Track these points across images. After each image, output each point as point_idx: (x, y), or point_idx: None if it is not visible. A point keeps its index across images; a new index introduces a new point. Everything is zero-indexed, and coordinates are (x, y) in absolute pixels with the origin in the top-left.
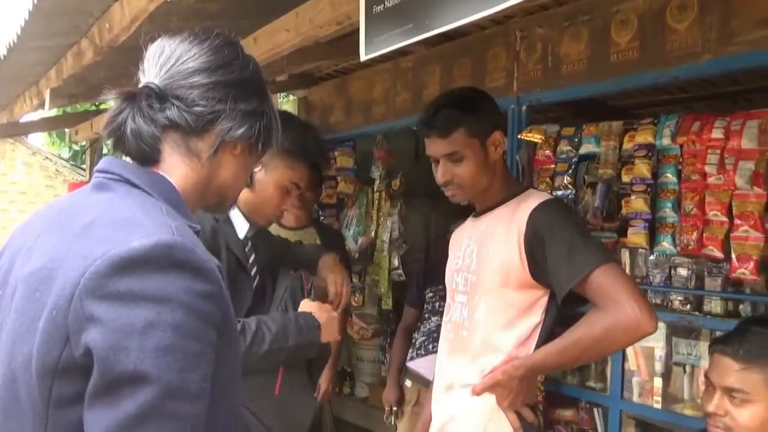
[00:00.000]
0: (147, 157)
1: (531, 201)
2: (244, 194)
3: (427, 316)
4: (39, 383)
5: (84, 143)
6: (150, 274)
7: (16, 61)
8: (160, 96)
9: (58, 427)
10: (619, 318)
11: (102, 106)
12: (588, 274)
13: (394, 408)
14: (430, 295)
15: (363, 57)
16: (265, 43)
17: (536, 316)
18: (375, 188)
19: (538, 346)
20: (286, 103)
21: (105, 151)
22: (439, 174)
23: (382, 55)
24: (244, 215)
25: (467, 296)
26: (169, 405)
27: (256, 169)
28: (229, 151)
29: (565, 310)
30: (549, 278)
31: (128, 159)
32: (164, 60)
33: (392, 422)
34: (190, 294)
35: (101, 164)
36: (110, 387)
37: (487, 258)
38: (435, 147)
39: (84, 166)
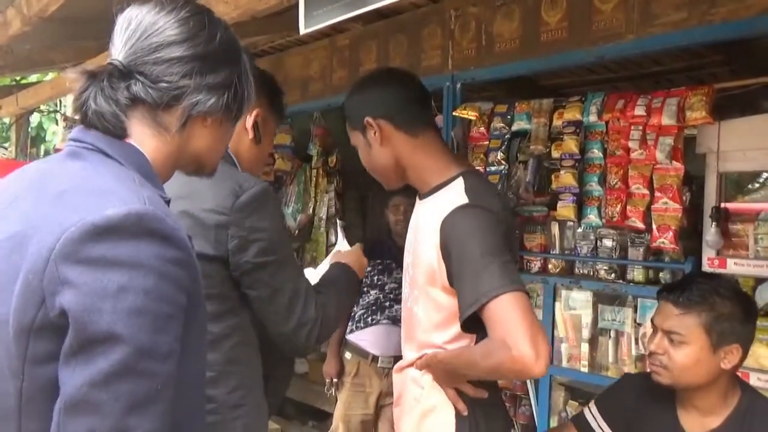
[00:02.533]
0: (113, 133)
1: (448, 202)
2: (251, 149)
3: (365, 289)
4: (15, 342)
5: (8, 119)
6: (122, 240)
7: None
8: (123, 73)
9: (34, 383)
10: (504, 359)
11: (23, 81)
12: (486, 303)
13: (335, 380)
14: (369, 269)
15: (302, 31)
16: None
17: None
18: (312, 165)
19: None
20: None
21: (29, 129)
22: None
23: (318, 32)
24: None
25: (410, 287)
26: (141, 364)
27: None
28: (199, 124)
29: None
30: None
31: None
32: (129, 34)
33: (332, 394)
34: (161, 260)
35: (75, 133)
36: (84, 346)
37: (419, 254)
38: None
39: (7, 144)
